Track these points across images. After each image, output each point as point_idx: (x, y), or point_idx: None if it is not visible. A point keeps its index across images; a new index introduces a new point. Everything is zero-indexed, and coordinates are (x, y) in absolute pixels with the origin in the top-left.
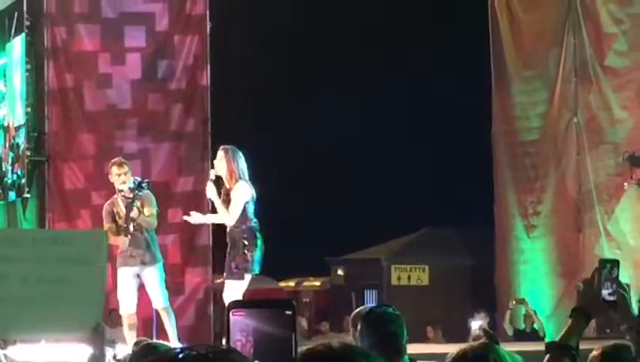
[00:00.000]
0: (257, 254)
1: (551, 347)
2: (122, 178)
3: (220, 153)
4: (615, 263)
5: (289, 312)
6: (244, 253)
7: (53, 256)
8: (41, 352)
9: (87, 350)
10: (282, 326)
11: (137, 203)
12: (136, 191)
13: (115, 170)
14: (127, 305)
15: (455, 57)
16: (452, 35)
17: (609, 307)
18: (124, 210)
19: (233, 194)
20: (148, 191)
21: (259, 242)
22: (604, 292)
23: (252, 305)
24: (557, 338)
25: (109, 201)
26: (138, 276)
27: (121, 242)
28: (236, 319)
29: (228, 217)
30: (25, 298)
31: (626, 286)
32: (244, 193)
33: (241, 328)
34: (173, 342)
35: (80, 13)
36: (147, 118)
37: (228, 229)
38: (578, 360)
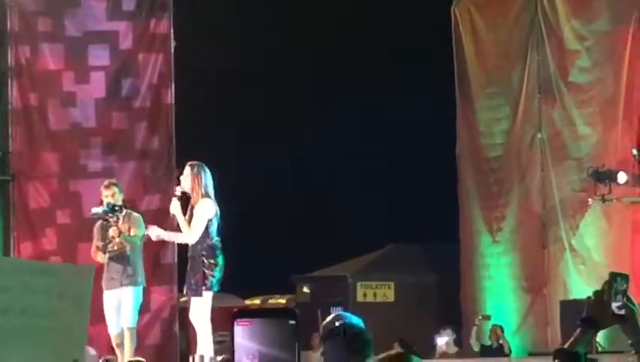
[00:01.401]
0: (217, 272)
1: (559, 353)
2: (108, 199)
3: (187, 169)
4: (625, 277)
5: (292, 322)
6: (204, 270)
7: (39, 287)
8: None
9: None
10: (285, 335)
11: (114, 226)
12: (109, 215)
13: (103, 191)
14: (111, 325)
15: (419, 78)
16: (416, 57)
17: (618, 320)
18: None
19: (196, 211)
20: (137, 215)
21: (219, 260)
22: (614, 306)
23: (256, 315)
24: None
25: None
26: (119, 297)
27: (101, 259)
28: (240, 330)
29: (189, 234)
30: (6, 329)
31: (635, 302)
32: (207, 210)
33: (246, 348)
34: None
35: (44, 31)
36: (112, 137)
37: (189, 246)
38: None
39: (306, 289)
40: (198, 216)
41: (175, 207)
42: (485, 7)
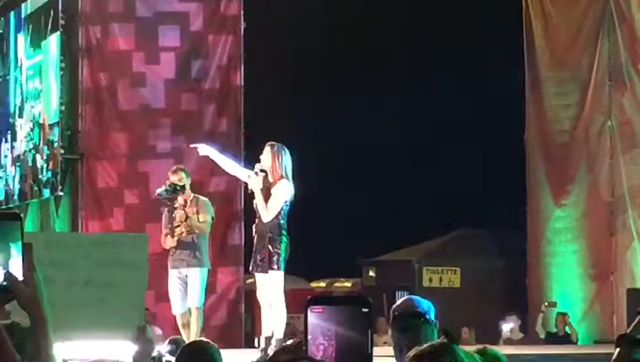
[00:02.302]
0: (283, 252)
1: (621, 339)
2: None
3: (267, 148)
4: None
5: (366, 310)
6: (270, 248)
7: (98, 259)
8: (89, 349)
9: (132, 347)
10: (360, 323)
11: (181, 211)
12: (172, 195)
13: (170, 175)
14: (176, 306)
15: (490, 59)
16: (486, 37)
17: None
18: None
19: (274, 191)
20: (205, 199)
21: (284, 239)
22: None
23: (330, 302)
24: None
25: None
26: (186, 277)
27: (168, 242)
28: (314, 316)
29: (266, 212)
30: (71, 301)
31: None
32: (285, 192)
33: (321, 328)
34: None
35: (114, 12)
36: (180, 118)
37: (255, 223)
38: None
39: (371, 273)
40: (276, 196)
41: (255, 184)
42: None
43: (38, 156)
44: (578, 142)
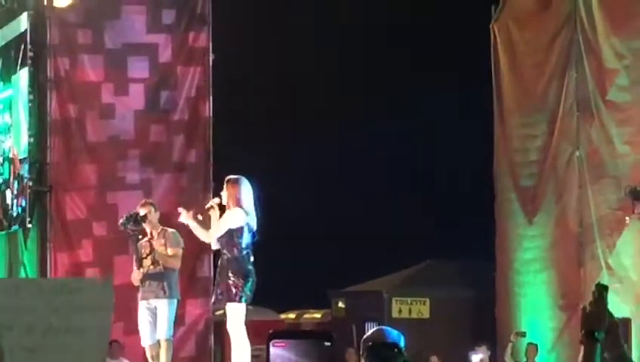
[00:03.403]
0: (245, 285)
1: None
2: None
3: (226, 183)
4: (607, 288)
5: (328, 344)
6: (228, 282)
7: (60, 305)
8: None
9: None
10: (321, 357)
11: (145, 242)
12: (131, 225)
13: (139, 209)
14: (145, 337)
15: (459, 93)
16: (455, 72)
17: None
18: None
19: (222, 217)
20: (173, 231)
21: (247, 273)
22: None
23: (292, 336)
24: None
25: None
26: (155, 309)
27: (135, 275)
28: (276, 351)
29: (207, 234)
30: (31, 349)
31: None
32: (234, 218)
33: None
34: None
35: (83, 43)
36: (149, 149)
37: (220, 258)
38: None
39: (341, 304)
40: (224, 220)
41: (212, 219)
42: (524, 23)
43: (8, 191)
44: (546, 172)
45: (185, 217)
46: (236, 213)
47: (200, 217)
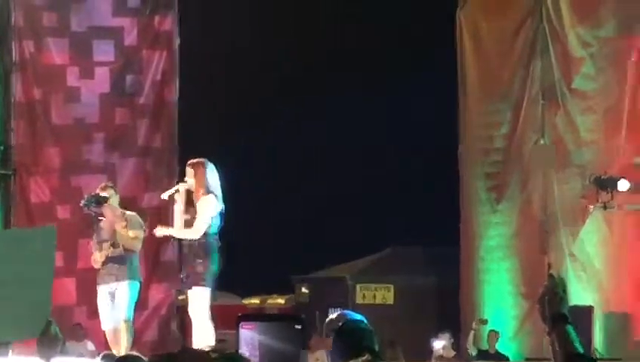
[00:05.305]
0: (210, 269)
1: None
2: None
3: (188, 168)
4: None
5: (298, 327)
6: (194, 265)
7: (2, 255)
8: None
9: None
10: (291, 340)
11: (105, 225)
12: (92, 206)
13: (99, 192)
14: (105, 321)
15: (425, 79)
16: (421, 58)
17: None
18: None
19: (199, 208)
20: (134, 213)
21: (213, 257)
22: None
23: (262, 319)
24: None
25: None
26: (115, 291)
27: (98, 258)
28: (245, 332)
29: (193, 231)
30: None
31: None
32: (210, 207)
33: (249, 342)
34: None
35: (49, 26)
36: (114, 133)
37: (182, 242)
38: None
39: (305, 290)
40: (202, 212)
41: (177, 205)
42: (490, 12)
43: None
44: (511, 160)
45: (162, 231)
46: (210, 199)
47: (188, 217)
